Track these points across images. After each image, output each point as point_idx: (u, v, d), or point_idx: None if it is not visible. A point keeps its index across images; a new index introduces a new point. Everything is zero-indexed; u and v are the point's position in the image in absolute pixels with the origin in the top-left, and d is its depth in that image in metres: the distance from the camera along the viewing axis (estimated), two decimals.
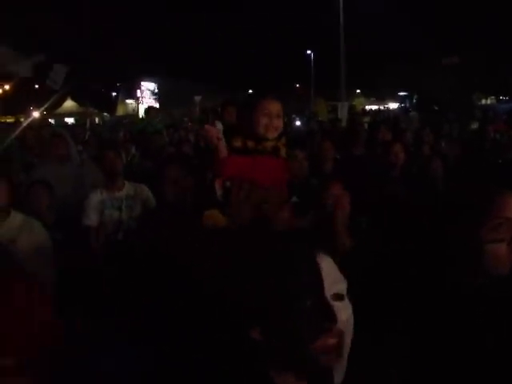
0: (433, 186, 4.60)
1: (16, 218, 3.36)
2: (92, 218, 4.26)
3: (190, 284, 1.97)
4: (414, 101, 33.15)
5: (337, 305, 1.11)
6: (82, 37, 40.06)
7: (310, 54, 43.75)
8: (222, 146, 2.61)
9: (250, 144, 2.69)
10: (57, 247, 3.44)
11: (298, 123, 17.84)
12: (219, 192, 2.60)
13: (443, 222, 1.66)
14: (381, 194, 3.97)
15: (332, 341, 1.08)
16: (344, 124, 12.53)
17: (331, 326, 1.08)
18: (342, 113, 20.93)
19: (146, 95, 44.71)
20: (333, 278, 1.14)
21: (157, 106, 34.90)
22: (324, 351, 1.07)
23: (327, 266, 1.14)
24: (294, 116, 19.76)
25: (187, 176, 3.84)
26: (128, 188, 4.41)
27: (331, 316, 1.08)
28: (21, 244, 3.22)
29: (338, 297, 1.13)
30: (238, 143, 2.67)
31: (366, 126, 9.21)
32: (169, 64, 48.39)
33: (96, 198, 4.32)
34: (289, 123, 14.85)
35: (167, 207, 3.81)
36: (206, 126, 2.72)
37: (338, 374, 1.10)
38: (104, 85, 43.36)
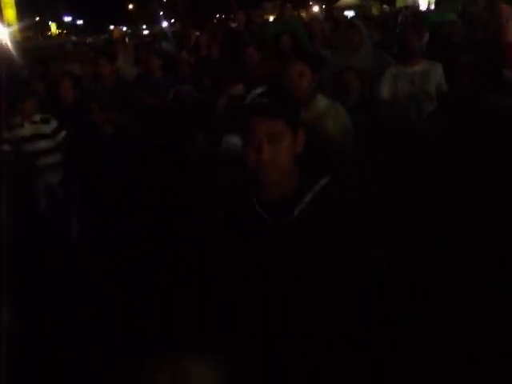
0: None
1: (321, 101, 3.56)
2: (384, 92, 4.64)
3: None
4: None
5: None
6: None
7: None
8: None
9: None
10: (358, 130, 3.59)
11: None
12: None
13: None
14: None
15: None
16: None
17: None
18: None
19: None
20: None
21: None
22: None
23: None
24: None
25: (480, 65, 3.81)
26: (424, 64, 4.60)
27: None
28: (325, 125, 3.43)
29: None
30: None
31: None
32: None
33: (390, 72, 4.67)
34: None
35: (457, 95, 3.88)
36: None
37: None
38: None
